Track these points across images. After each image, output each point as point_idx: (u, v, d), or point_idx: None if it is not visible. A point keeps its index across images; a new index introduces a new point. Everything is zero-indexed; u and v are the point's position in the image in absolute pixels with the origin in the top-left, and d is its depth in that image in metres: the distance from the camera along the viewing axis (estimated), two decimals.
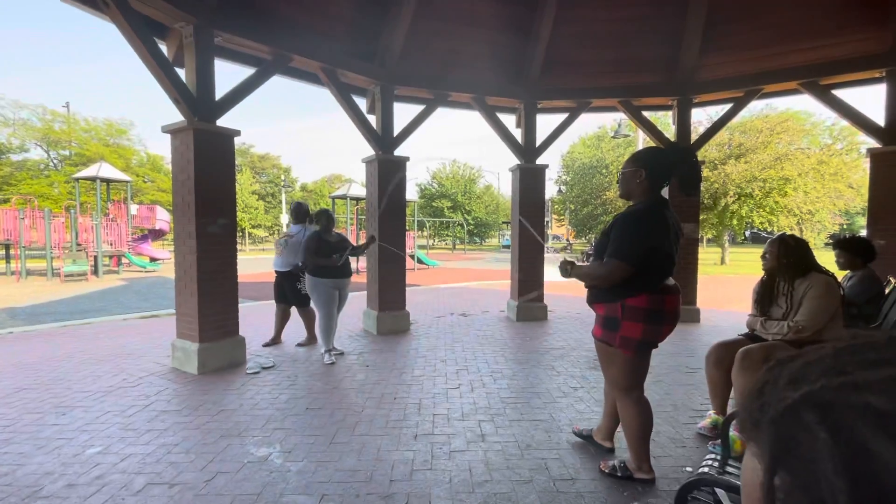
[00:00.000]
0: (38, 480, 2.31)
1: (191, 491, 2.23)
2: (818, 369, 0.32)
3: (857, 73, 5.35)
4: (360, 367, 4.30)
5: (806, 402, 0.30)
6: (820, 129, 19.59)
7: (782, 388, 0.32)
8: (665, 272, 2.13)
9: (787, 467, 0.30)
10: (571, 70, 6.44)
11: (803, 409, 0.30)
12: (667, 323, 2.14)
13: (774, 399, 0.32)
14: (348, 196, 17.03)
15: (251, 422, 3.05)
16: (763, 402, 0.33)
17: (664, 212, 2.11)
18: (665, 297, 2.11)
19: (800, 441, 0.29)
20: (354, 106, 5.55)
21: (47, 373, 4.07)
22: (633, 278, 2.07)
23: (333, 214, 4.81)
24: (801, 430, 0.29)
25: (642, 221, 2.07)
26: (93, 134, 27.71)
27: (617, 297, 2.14)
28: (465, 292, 9.97)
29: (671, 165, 2.18)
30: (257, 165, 43.35)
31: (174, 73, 4.01)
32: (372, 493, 2.23)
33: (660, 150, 2.30)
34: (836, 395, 0.29)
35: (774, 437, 0.31)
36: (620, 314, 2.14)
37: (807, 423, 0.29)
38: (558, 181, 36.16)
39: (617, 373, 2.24)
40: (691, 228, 6.49)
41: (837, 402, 0.29)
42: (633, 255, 2.03)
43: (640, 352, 2.17)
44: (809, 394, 0.30)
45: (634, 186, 2.19)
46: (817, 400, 0.30)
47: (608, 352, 2.23)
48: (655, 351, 2.29)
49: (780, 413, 0.31)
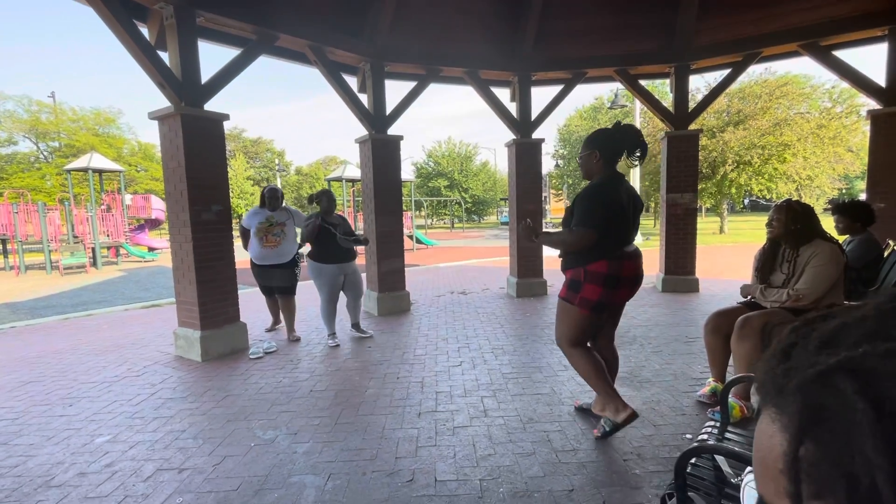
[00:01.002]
0: (49, 470, 2.35)
1: (200, 475, 2.27)
2: (858, 332, 0.29)
3: (858, 33, 5.21)
4: (363, 349, 4.34)
5: (844, 369, 0.27)
6: (819, 93, 19.27)
7: (813, 351, 0.29)
8: (623, 240, 2.37)
9: (815, 438, 0.28)
10: (566, 40, 6.28)
11: (840, 376, 0.27)
12: (623, 287, 2.37)
13: (804, 363, 0.29)
14: (344, 178, 16.87)
15: (256, 406, 3.09)
16: (790, 367, 0.30)
17: (619, 185, 2.38)
18: (623, 262, 2.35)
19: (833, 411, 0.27)
20: (345, 85, 5.43)
21: (52, 365, 4.10)
22: (595, 246, 2.31)
23: (334, 196, 4.61)
24: (836, 399, 0.27)
25: (601, 194, 2.34)
26: (81, 124, 27.28)
27: (580, 263, 2.38)
28: (464, 270, 9.99)
29: (619, 141, 2.42)
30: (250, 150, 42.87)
31: (157, 56, 3.90)
32: (378, 470, 2.27)
33: (607, 130, 2.48)
34: (881, 362, 0.26)
35: (803, 404, 0.28)
36: (583, 278, 2.37)
37: (843, 391, 0.27)
38: (555, 155, 35.80)
39: (569, 328, 2.46)
40: (690, 198, 6.45)
41: (883, 371, 0.26)
42: (595, 222, 2.28)
43: (594, 312, 2.40)
44: (849, 359, 0.27)
45: (592, 166, 2.46)
46: (858, 367, 0.27)
47: (567, 309, 2.46)
48: (655, 322, 2.35)
49: (812, 379, 0.28)
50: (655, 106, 6.57)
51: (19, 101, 25.51)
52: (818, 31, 5.34)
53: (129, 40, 3.71)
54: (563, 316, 2.50)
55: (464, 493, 2.06)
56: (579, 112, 35.08)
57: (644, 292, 6.61)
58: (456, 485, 2.13)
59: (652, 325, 4.78)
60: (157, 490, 2.15)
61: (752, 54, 5.86)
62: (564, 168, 34.42)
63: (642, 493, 2.03)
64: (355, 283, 4.56)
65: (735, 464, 1.36)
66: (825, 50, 5.44)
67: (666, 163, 6.47)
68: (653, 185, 19.88)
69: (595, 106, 33.28)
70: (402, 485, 2.14)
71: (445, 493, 2.07)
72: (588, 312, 2.38)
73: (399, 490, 2.10)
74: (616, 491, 2.05)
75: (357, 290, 4.59)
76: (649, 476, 2.15)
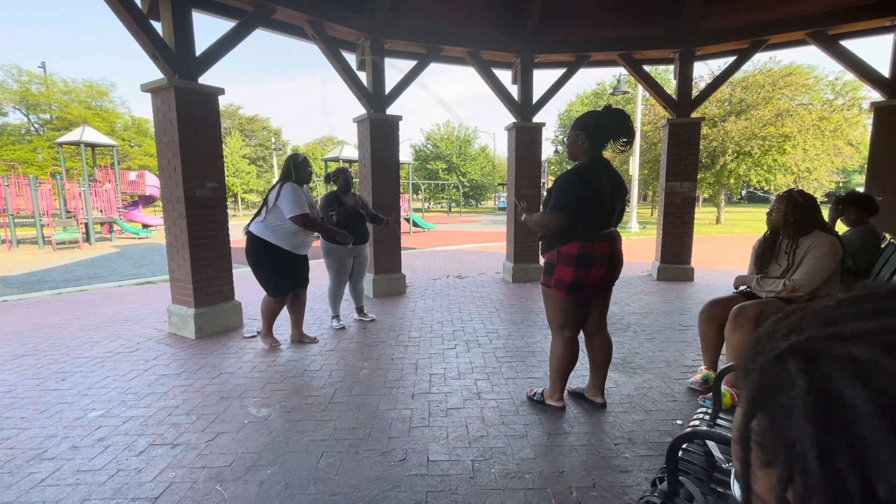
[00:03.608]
0: (42, 443, 2.35)
1: (193, 451, 2.28)
2: (812, 320, 0.32)
3: (865, 22, 5.14)
4: (358, 330, 4.34)
5: (792, 352, 0.31)
6: (822, 84, 19.12)
7: (778, 338, 0.33)
8: (599, 224, 2.38)
9: (766, 411, 0.32)
10: (570, 21, 6.15)
11: (789, 358, 0.31)
12: (595, 266, 2.37)
13: (766, 348, 0.33)
14: (340, 158, 16.70)
15: (250, 384, 3.09)
16: (757, 352, 0.34)
17: (600, 168, 2.37)
18: (596, 242, 2.36)
19: (782, 388, 0.30)
20: (343, 62, 5.30)
21: (44, 340, 4.08)
22: (568, 228, 2.35)
23: (351, 175, 4.39)
24: (785, 378, 0.30)
25: (578, 178, 2.34)
26: (73, 96, 26.67)
27: (554, 245, 2.43)
28: (461, 254, 9.98)
29: (606, 125, 2.38)
30: (246, 128, 42.19)
31: (150, 26, 3.78)
32: (370, 449, 2.29)
33: (596, 112, 2.44)
34: (821, 345, 0.30)
35: (758, 382, 0.33)
36: (556, 260, 2.42)
37: (790, 371, 0.30)
38: (555, 141, 35.53)
39: (552, 312, 2.54)
40: (689, 187, 6.42)
41: (822, 353, 0.29)
42: (568, 206, 2.31)
43: (571, 293, 2.42)
44: (796, 343, 0.31)
45: (577, 148, 2.44)
46: (803, 350, 0.30)
47: (547, 293, 2.52)
48: (649, 309, 2.34)
49: (769, 361, 0.32)
50: (658, 92, 6.48)
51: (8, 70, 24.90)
52: (826, 20, 5.25)
53: (120, 8, 3.59)
54: (546, 301, 2.56)
55: (456, 473, 2.08)
56: (580, 98, 34.65)
57: (639, 280, 6.63)
58: (448, 465, 2.15)
59: (646, 312, 4.80)
60: (150, 464, 2.16)
61: (758, 41, 5.77)
62: (563, 154, 34.17)
63: (632, 476, 2.06)
64: (363, 265, 4.53)
65: (726, 449, 1.37)
66: (832, 39, 5.36)
67: (666, 150, 6.42)
68: (651, 174, 19.81)
69: (597, 92, 32.88)
70: (395, 464, 2.16)
71: (437, 472, 2.09)
72: (564, 294, 2.42)
73: (391, 469, 2.12)
74: (606, 474, 2.07)
75: (363, 272, 4.57)
76: (639, 460, 2.18)
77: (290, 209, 3.44)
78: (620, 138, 2.38)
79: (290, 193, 3.46)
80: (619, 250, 2.48)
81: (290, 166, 3.60)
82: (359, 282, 4.59)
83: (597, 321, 2.64)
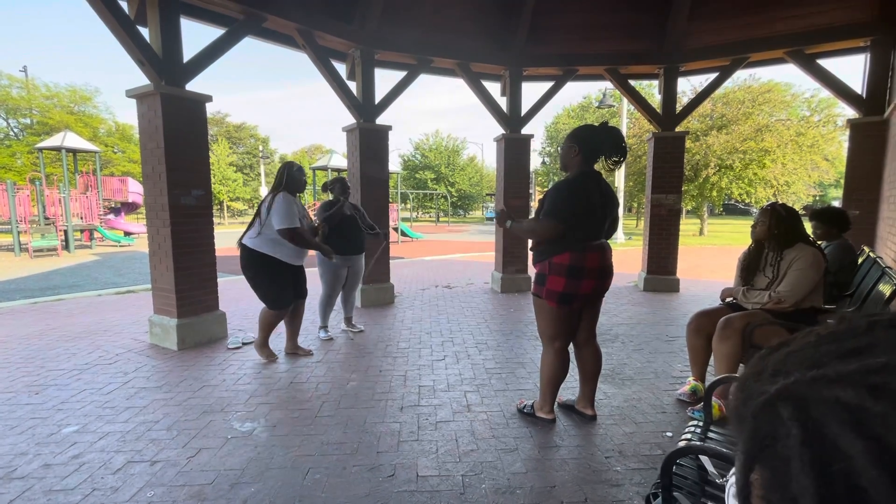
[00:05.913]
0: (12, 461, 2.24)
1: (173, 468, 2.20)
2: (796, 360, 0.31)
3: (841, 42, 5.32)
4: (345, 341, 4.28)
5: (781, 397, 0.30)
6: (799, 101, 19.78)
7: (764, 381, 0.32)
8: (590, 234, 2.39)
9: (764, 464, 0.30)
10: (558, 35, 6.26)
11: (780, 403, 0.30)
12: (587, 277, 2.39)
13: (755, 393, 0.32)
14: (329, 167, 16.64)
15: (234, 397, 3.01)
16: (746, 396, 0.33)
17: (591, 181, 2.40)
18: (587, 254, 2.37)
19: (777, 437, 0.29)
20: (333, 71, 5.30)
21: (18, 351, 3.93)
22: (560, 239, 2.36)
23: (348, 184, 4.35)
24: (779, 425, 0.29)
25: (571, 189, 2.37)
26: (55, 101, 26.14)
27: (546, 256, 2.43)
28: (449, 264, 9.97)
29: (601, 141, 2.41)
30: (233, 136, 41.87)
31: (137, 32, 3.73)
32: (358, 464, 2.23)
33: (592, 126, 2.46)
34: (809, 389, 0.29)
35: (753, 431, 0.31)
36: (548, 270, 2.42)
37: (782, 416, 0.29)
38: (542, 152, 35.98)
39: (543, 322, 2.53)
40: (674, 199, 6.53)
41: (810, 397, 0.28)
42: (561, 214, 2.33)
43: (562, 303, 2.43)
44: (784, 388, 0.30)
45: (570, 160, 2.46)
46: (792, 394, 0.29)
47: (538, 303, 2.52)
48: (637, 320, 2.36)
49: (760, 408, 0.31)
50: (643, 106, 6.61)
51: None
52: (804, 39, 5.43)
53: (107, 14, 3.54)
54: (537, 311, 2.56)
55: (446, 489, 2.04)
56: (567, 110, 35.26)
57: (626, 291, 6.69)
58: (438, 480, 2.11)
59: (634, 323, 4.83)
60: (128, 483, 2.07)
61: (739, 59, 5.94)
62: (551, 166, 34.62)
63: (623, 490, 2.04)
64: (357, 275, 4.45)
65: (719, 463, 1.37)
66: (809, 58, 5.54)
67: (652, 163, 6.53)
68: (637, 186, 20.13)
69: (583, 105, 33.48)
70: (384, 479, 2.11)
71: (427, 488, 2.05)
72: (555, 304, 2.43)
73: (380, 485, 2.07)
74: (598, 488, 2.05)
75: (357, 283, 4.50)
76: (630, 473, 2.16)
77: (280, 221, 3.37)
78: (612, 156, 2.42)
79: (282, 205, 3.38)
80: (610, 262, 2.50)
81: (283, 175, 3.54)
82: (352, 292, 4.53)
83: (587, 332, 2.65)
